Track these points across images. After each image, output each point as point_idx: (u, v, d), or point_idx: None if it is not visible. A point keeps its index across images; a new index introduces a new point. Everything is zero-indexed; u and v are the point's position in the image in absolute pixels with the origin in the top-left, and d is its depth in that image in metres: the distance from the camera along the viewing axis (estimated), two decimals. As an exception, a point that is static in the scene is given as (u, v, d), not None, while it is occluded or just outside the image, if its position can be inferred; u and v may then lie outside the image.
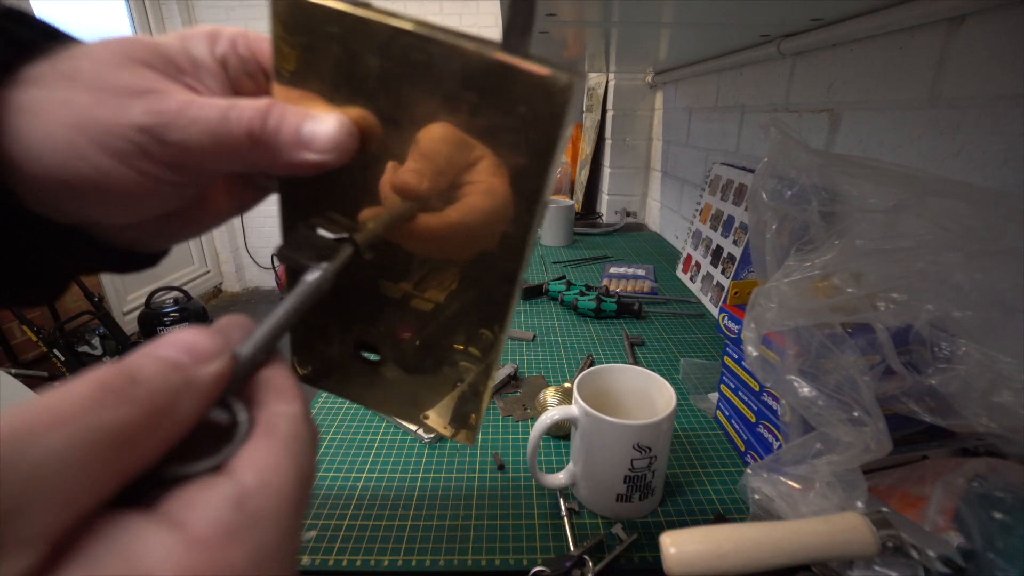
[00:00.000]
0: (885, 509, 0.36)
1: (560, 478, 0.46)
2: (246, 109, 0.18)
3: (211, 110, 0.18)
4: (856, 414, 0.34)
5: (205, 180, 0.21)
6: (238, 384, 0.15)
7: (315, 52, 0.18)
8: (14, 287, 0.21)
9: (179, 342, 0.13)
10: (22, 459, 0.09)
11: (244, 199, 0.24)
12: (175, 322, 2.31)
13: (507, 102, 0.17)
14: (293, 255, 0.18)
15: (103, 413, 0.10)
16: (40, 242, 0.20)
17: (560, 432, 0.54)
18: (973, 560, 0.32)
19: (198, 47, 0.20)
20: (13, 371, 1.79)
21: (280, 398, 0.15)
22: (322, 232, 0.19)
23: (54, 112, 0.17)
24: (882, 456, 0.34)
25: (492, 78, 0.17)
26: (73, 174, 0.17)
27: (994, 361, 0.32)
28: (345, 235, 0.19)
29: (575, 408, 0.44)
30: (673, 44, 0.93)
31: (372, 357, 0.24)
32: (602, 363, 0.56)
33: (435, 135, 0.18)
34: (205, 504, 0.12)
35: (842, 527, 0.33)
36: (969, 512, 0.34)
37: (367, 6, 0.17)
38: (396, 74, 0.18)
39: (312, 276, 0.17)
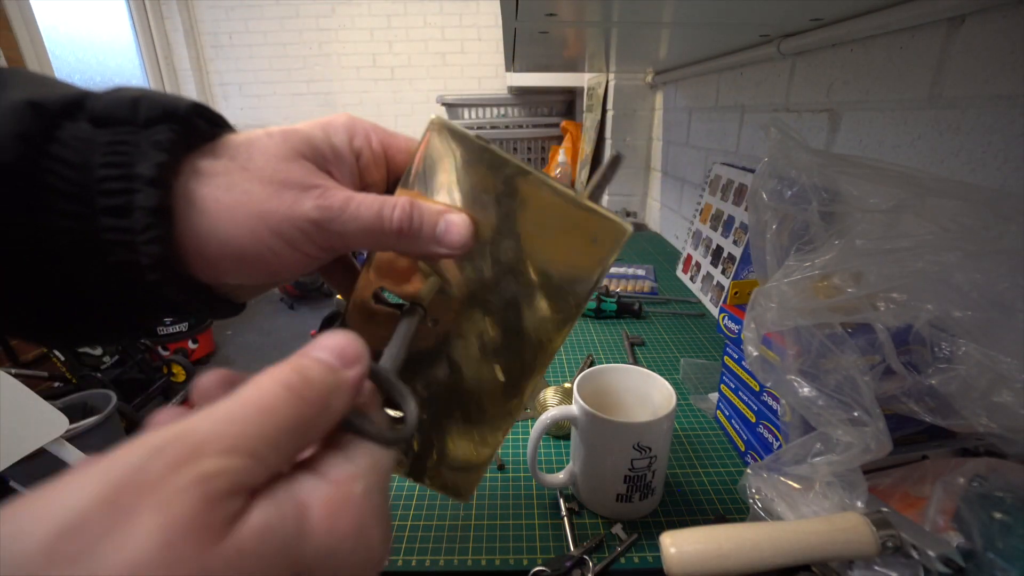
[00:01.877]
0: (885, 509, 0.36)
1: (560, 478, 0.46)
2: (396, 209, 0.22)
3: (368, 209, 0.22)
4: (856, 414, 0.34)
5: (333, 256, 0.24)
6: (390, 387, 0.19)
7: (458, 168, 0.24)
8: (126, 332, 0.24)
9: (331, 347, 0.17)
10: (238, 440, 0.13)
11: (328, 274, 0.29)
12: (175, 322, 2.30)
13: (585, 233, 0.24)
14: (384, 303, 0.25)
15: (290, 409, 0.14)
16: (186, 301, 0.22)
17: (560, 432, 0.54)
18: (973, 560, 0.32)
19: (339, 138, 0.24)
20: (13, 371, 1.78)
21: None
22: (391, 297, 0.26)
23: (238, 201, 0.20)
24: (882, 456, 0.34)
25: (581, 216, 0.23)
26: (249, 252, 0.21)
27: (994, 361, 0.32)
28: (419, 303, 0.25)
29: (575, 408, 0.44)
30: (673, 44, 0.93)
31: (396, 414, 0.25)
32: (602, 363, 0.56)
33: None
34: (337, 462, 0.16)
35: (842, 527, 0.33)
36: (969, 512, 0.34)
37: (493, 147, 0.23)
38: (510, 197, 0.23)
39: (411, 316, 0.24)
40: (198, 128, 0.21)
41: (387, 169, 0.25)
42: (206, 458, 0.12)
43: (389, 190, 0.26)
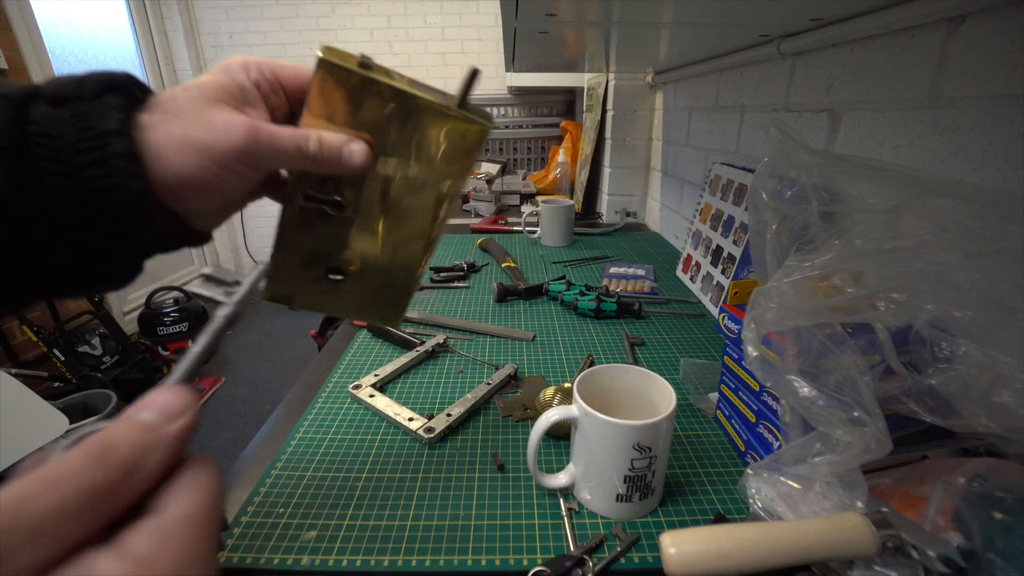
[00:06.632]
0: (885, 509, 0.36)
1: (560, 478, 0.46)
2: (311, 142, 0.29)
3: (288, 140, 0.29)
4: (856, 414, 0.34)
5: (264, 174, 0.31)
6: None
7: (352, 98, 0.30)
8: (121, 274, 0.29)
9: (154, 404, 0.17)
10: (22, 516, 0.13)
11: (269, 192, 0.36)
12: (175, 322, 2.31)
13: (456, 131, 0.32)
14: (314, 199, 0.34)
15: (86, 475, 0.15)
16: (164, 230, 0.28)
17: (560, 432, 0.54)
18: (973, 560, 0.32)
19: (240, 76, 0.30)
20: (13, 371, 1.78)
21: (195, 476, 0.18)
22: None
23: (182, 143, 0.27)
24: (882, 456, 0.34)
25: (452, 120, 0.32)
26: (201, 180, 0.27)
27: (994, 361, 0.32)
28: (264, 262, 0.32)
29: (575, 408, 0.44)
30: (673, 44, 0.93)
31: (337, 278, 0.38)
32: (602, 363, 0.56)
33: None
34: (142, 534, 0.15)
35: (842, 527, 0.33)
36: (969, 512, 0.34)
37: (382, 71, 0.30)
38: (397, 117, 0.31)
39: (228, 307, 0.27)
40: (135, 94, 0.27)
41: (284, 93, 0.32)
42: None
43: (292, 111, 0.32)
